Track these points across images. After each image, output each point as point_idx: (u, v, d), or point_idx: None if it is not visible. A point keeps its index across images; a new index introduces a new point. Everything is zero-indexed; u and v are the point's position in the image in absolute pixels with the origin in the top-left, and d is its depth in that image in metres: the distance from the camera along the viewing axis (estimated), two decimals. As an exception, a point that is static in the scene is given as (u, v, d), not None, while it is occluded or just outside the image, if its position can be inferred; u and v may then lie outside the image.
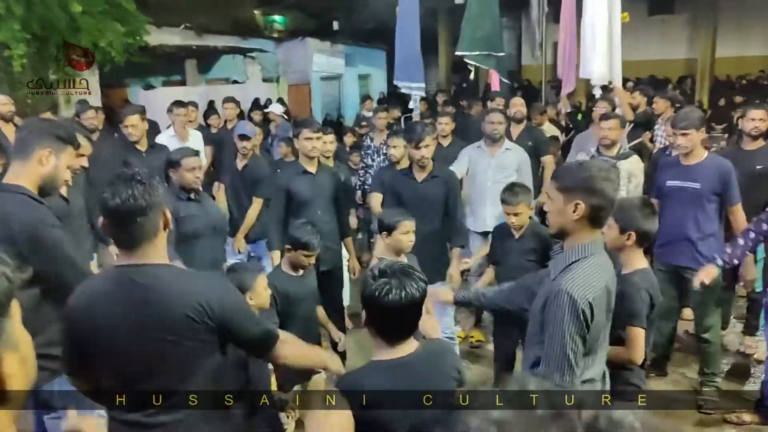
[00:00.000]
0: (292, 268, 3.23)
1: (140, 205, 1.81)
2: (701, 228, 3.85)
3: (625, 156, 4.57)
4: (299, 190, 4.13)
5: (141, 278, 1.84)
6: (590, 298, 1.96)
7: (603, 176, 2.04)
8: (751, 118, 4.33)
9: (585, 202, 2.01)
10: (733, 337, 4.88)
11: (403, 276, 1.81)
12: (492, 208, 4.74)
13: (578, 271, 2.02)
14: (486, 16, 9.05)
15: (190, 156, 3.79)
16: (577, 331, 1.95)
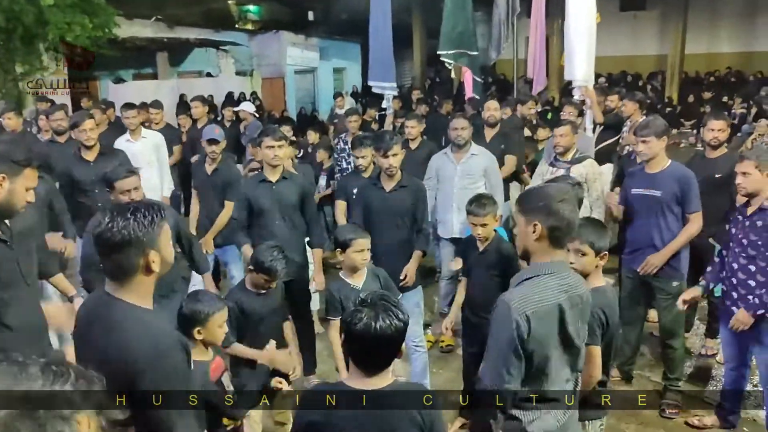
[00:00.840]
0: (254, 286, 3.20)
1: (115, 240, 1.78)
2: (665, 236, 3.92)
3: (579, 160, 4.69)
4: (258, 200, 4.08)
5: (105, 311, 1.83)
6: (528, 311, 2.02)
7: (560, 198, 2.11)
8: (710, 129, 4.43)
9: (542, 224, 2.09)
10: (696, 339, 4.99)
11: (381, 310, 1.84)
12: (459, 215, 4.78)
13: (526, 286, 2.10)
14: (459, 14, 9.12)
15: (123, 178, 3.55)
16: (508, 341, 2.02)
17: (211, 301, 2.61)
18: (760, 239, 3.38)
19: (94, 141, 4.93)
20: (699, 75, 19.57)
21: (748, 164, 3.36)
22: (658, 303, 4.14)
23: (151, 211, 1.84)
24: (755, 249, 3.40)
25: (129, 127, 6.06)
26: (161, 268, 1.87)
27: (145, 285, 1.86)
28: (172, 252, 1.92)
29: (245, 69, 18.95)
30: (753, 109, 14.32)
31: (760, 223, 3.38)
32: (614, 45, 20.02)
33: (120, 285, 1.84)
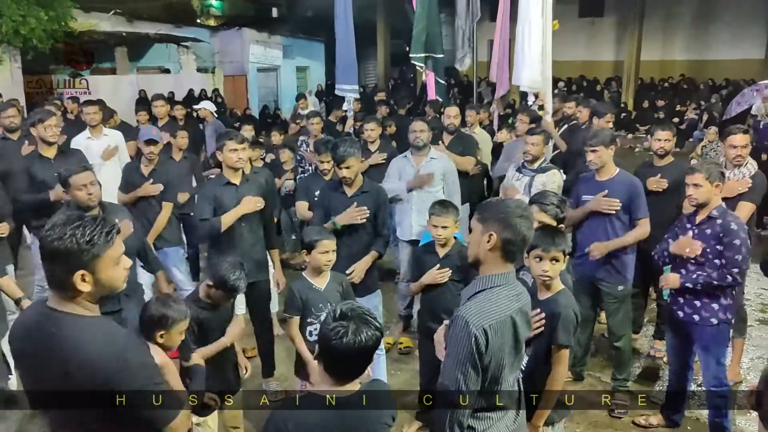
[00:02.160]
0: (209, 298, 3.17)
1: (47, 248, 1.75)
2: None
3: (544, 170, 4.79)
4: (223, 203, 4.07)
5: (48, 322, 1.79)
6: (485, 326, 2.07)
7: (519, 213, 2.17)
8: (657, 138, 4.60)
9: (498, 235, 2.14)
10: (645, 341, 5.17)
11: (361, 322, 1.89)
12: (418, 217, 4.85)
13: (480, 300, 2.14)
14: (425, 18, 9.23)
15: (78, 173, 3.51)
16: (467, 356, 2.07)
17: (179, 308, 2.59)
18: (708, 247, 3.52)
19: (56, 138, 4.87)
20: (654, 81, 20.14)
21: (699, 176, 3.50)
22: (606, 306, 4.29)
23: (95, 230, 1.77)
24: (703, 256, 3.54)
25: (90, 123, 5.94)
26: (96, 291, 1.80)
27: (78, 301, 1.80)
28: (115, 277, 1.84)
29: (207, 66, 18.73)
30: (704, 116, 14.83)
31: (708, 231, 3.53)
32: (573, 50, 20.49)
33: (59, 296, 1.80)
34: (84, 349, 1.74)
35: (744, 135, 4.39)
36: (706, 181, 3.49)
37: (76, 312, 1.80)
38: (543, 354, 2.78)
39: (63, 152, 4.97)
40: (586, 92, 18.51)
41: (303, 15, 20.78)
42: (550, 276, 2.81)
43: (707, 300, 3.55)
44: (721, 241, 3.46)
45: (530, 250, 2.82)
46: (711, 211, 3.53)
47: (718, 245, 3.48)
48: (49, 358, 1.76)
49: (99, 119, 6.02)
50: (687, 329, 3.69)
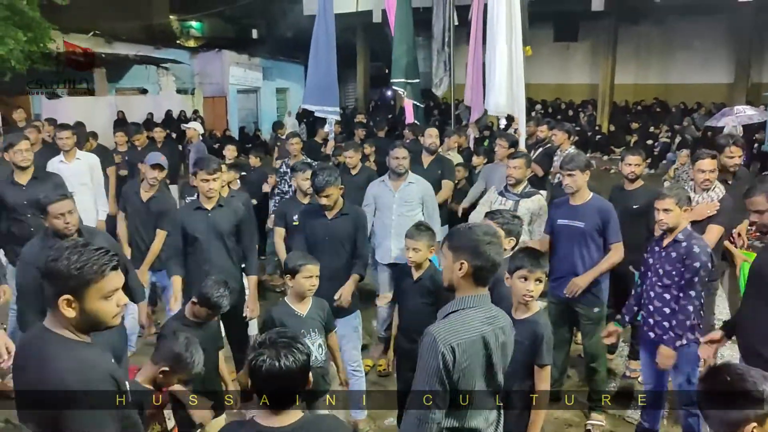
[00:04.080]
0: (194, 317, 3.22)
1: (43, 267, 1.84)
2: (587, 264, 4.15)
3: (528, 195, 4.82)
4: (192, 228, 4.10)
5: (40, 343, 1.85)
6: (453, 343, 2.13)
7: (488, 240, 2.25)
8: (628, 163, 4.74)
9: (469, 263, 2.22)
10: (620, 361, 5.26)
11: (283, 348, 1.86)
12: (397, 241, 4.89)
13: (451, 319, 2.22)
14: (402, 43, 9.41)
15: (56, 201, 3.50)
16: (434, 372, 2.13)
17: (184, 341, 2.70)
18: (674, 269, 3.63)
19: (29, 162, 4.80)
20: (628, 104, 20.57)
21: (669, 202, 3.60)
22: (581, 328, 4.37)
23: (90, 260, 1.80)
24: (669, 278, 3.65)
25: (63, 148, 5.91)
26: (80, 321, 1.82)
27: (65, 324, 1.84)
28: (104, 311, 1.86)
29: (186, 87, 18.74)
30: (677, 138, 15.17)
31: (674, 254, 3.64)
32: (548, 74, 20.88)
33: (50, 315, 1.86)
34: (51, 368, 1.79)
35: (712, 160, 4.52)
36: (675, 205, 3.59)
37: (64, 335, 1.85)
38: (521, 373, 2.84)
39: (36, 178, 4.88)
40: (562, 115, 18.85)
41: (283, 37, 20.96)
42: (533, 296, 2.88)
43: (675, 320, 3.63)
44: (684, 263, 3.57)
45: (515, 270, 2.89)
46: (677, 234, 3.64)
47: (683, 267, 3.58)
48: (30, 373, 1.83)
49: (72, 144, 5.97)
50: (659, 349, 3.77)
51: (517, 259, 2.96)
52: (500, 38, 6.71)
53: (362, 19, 18.14)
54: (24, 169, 4.80)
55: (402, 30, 9.51)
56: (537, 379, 2.87)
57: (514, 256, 3.01)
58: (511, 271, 2.94)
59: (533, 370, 2.89)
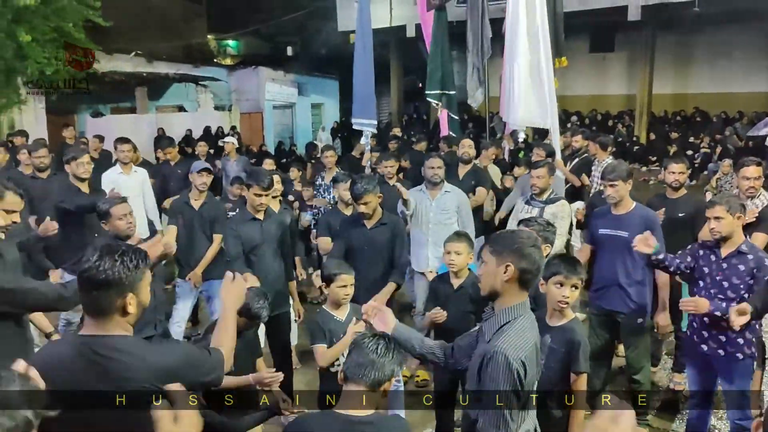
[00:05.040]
0: None
1: (98, 279, 1.89)
2: (631, 274, 4.09)
3: (552, 201, 4.92)
4: (248, 237, 4.21)
5: (101, 349, 1.90)
6: (522, 358, 2.12)
7: (531, 243, 2.25)
8: (671, 171, 4.67)
9: (515, 265, 2.20)
10: (664, 374, 5.14)
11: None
12: (434, 249, 4.92)
13: (510, 333, 2.19)
14: (437, 55, 9.48)
15: (118, 204, 3.75)
16: (512, 390, 2.11)
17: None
18: (741, 282, 3.50)
19: (89, 174, 5.05)
20: (666, 114, 20.23)
21: (720, 209, 3.51)
22: (624, 339, 4.29)
23: (137, 257, 1.96)
24: (735, 291, 3.52)
25: (122, 160, 6.15)
26: (137, 313, 1.98)
27: (122, 324, 1.96)
28: (148, 296, 2.03)
29: (224, 104, 19.12)
30: (718, 148, 14.85)
31: (742, 267, 3.51)
32: (584, 85, 20.69)
33: (97, 323, 1.93)
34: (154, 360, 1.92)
35: (757, 167, 4.43)
36: (727, 213, 3.50)
37: (126, 333, 1.96)
38: (557, 381, 2.82)
39: (96, 190, 5.18)
40: (599, 126, 18.63)
41: (317, 53, 21.26)
42: (569, 303, 2.86)
43: (733, 334, 3.51)
44: (754, 275, 3.46)
45: (550, 277, 2.88)
46: (740, 246, 3.54)
47: (751, 279, 3.48)
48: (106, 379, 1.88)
49: (131, 156, 6.28)
50: (711, 363, 3.67)
51: (553, 265, 2.94)
52: (521, 50, 6.67)
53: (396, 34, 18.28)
54: (84, 180, 5.04)
55: (437, 43, 9.59)
56: (574, 387, 2.84)
57: (550, 263, 2.98)
58: (547, 278, 2.92)
59: (569, 377, 2.86)
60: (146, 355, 1.94)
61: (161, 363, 1.94)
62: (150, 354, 1.96)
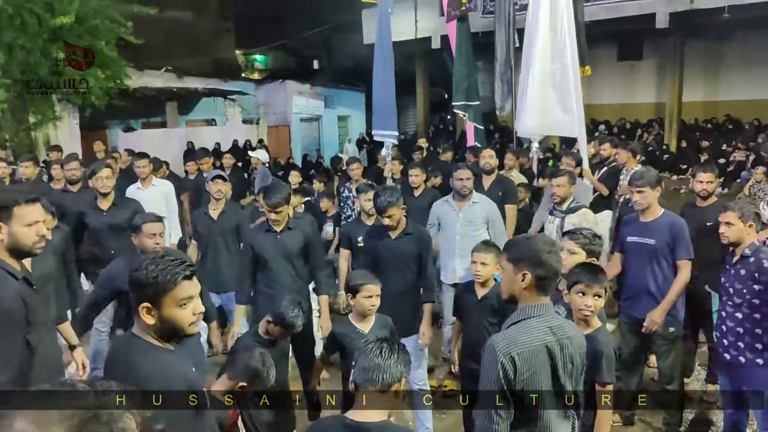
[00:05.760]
0: (267, 334, 3.31)
1: (130, 278, 1.96)
2: (660, 282, 4.03)
3: (573, 210, 4.87)
4: (261, 249, 4.21)
5: (125, 348, 1.98)
6: (513, 353, 2.12)
7: (547, 249, 2.25)
8: (699, 180, 4.60)
9: (531, 273, 2.21)
10: (697, 384, 5.03)
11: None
12: (461, 261, 4.88)
13: (512, 329, 2.22)
14: (462, 66, 9.50)
15: (151, 221, 3.77)
16: (495, 382, 2.12)
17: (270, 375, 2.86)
18: (744, 287, 3.48)
19: (109, 189, 5.05)
20: (697, 122, 19.90)
21: (731, 215, 3.50)
22: (656, 349, 4.22)
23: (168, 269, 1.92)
24: (740, 297, 3.50)
25: (140, 175, 6.27)
26: (160, 327, 1.94)
27: (148, 332, 1.96)
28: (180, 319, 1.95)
29: (252, 117, 19.39)
30: (751, 156, 14.55)
31: (743, 272, 3.49)
32: (612, 94, 20.46)
33: (138, 324, 1.98)
34: (140, 370, 1.90)
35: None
36: (738, 219, 3.48)
37: (149, 340, 1.97)
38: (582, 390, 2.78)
39: (116, 204, 5.11)
40: (627, 135, 18.40)
41: (343, 66, 21.46)
42: (592, 311, 2.84)
43: (750, 339, 3.47)
44: (757, 280, 3.42)
45: (573, 285, 2.86)
46: (744, 249, 3.50)
47: (755, 284, 3.43)
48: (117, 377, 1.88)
49: (148, 171, 6.34)
50: (736, 371, 3.60)
51: (575, 274, 2.93)
52: (537, 58, 6.62)
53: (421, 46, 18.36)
54: (105, 195, 5.05)
55: (461, 53, 9.63)
56: (597, 397, 2.79)
57: (572, 272, 2.97)
58: (569, 286, 2.92)
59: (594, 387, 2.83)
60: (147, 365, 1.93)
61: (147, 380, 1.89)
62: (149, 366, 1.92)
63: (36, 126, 12.76)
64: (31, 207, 2.57)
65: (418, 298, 4.27)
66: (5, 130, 12.13)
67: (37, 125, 12.77)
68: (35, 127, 12.79)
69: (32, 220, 2.56)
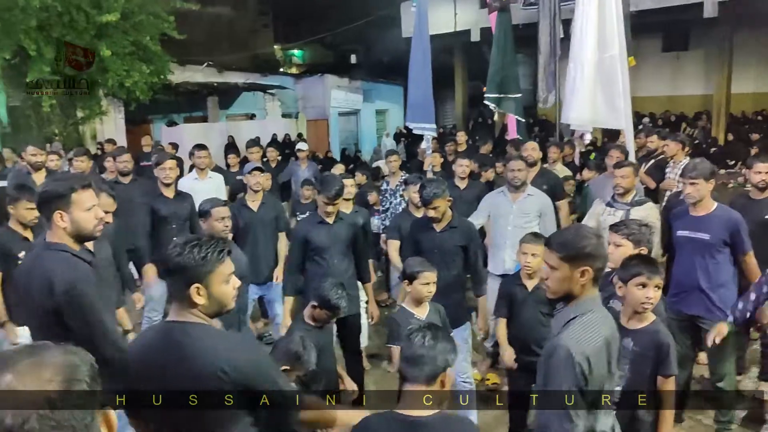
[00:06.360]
0: (313, 320, 3.35)
1: (168, 264, 2.00)
2: (712, 278, 3.92)
3: (639, 203, 4.65)
4: (316, 240, 4.28)
5: (178, 335, 1.98)
6: (587, 352, 2.07)
7: (596, 240, 2.22)
8: (757, 171, 4.44)
9: (592, 267, 2.17)
10: (749, 382, 4.89)
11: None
12: (511, 252, 4.83)
13: (576, 327, 2.15)
14: (501, 57, 9.38)
15: (220, 206, 3.92)
16: (573, 384, 2.06)
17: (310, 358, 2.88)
18: None
19: (172, 179, 5.24)
20: (745, 115, 19.30)
21: None
22: (706, 345, 4.11)
23: (212, 249, 2.00)
24: None
25: (199, 166, 6.36)
26: (209, 305, 2.00)
27: (195, 314, 2.00)
28: (225, 294, 2.03)
29: (291, 111, 19.54)
30: (804, 148, 14.05)
31: None
32: (657, 86, 19.98)
33: (175, 309, 2.02)
34: (225, 353, 1.94)
35: None
36: None
37: (201, 321, 2.01)
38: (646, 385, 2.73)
39: (179, 194, 5.33)
40: (672, 128, 17.96)
41: (381, 60, 21.45)
42: (653, 304, 2.77)
43: None
44: None
45: (631, 278, 2.79)
46: None
47: None
48: (184, 365, 1.92)
49: (208, 162, 6.45)
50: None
51: (632, 266, 2.83)
52: (589, 49, 6.49)
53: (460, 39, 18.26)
54: (168, 185, 5.23)
55: (499, 45, 9.50)
56: (663, 389, 2.75)
57: (627, 264, 2.88)
58: (626, 279, 2.82)
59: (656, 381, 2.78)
60: (217, 344, 1.96)
61: (230, 356, 1.94)
62: (221, 344, 1.97)
63: (83, 120, 13.11)
64: (87, 192, 2.64)
65: (462, 290, 4.27)
66: (55, 125, 12.48)
67: (84, 120, 13.11)
68: (83, 122, 13.13)
69: (90, 205, 2.63)
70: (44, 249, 2.62)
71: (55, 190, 2.59)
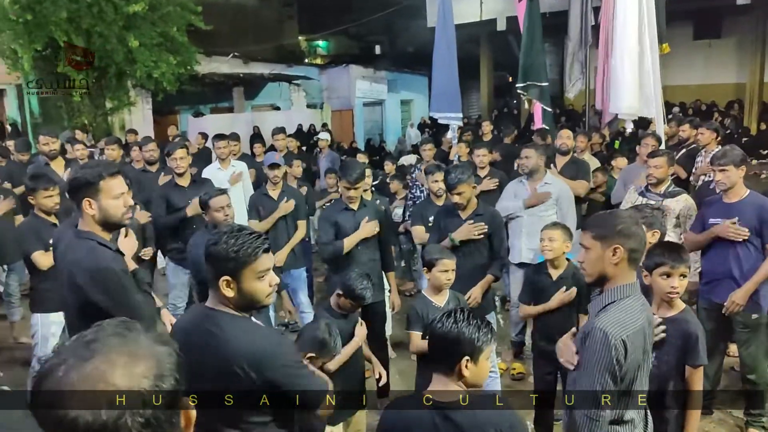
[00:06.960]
0: (339, 308, 3.37)
1: (208, 251, 2.00)
2: (744, 267, 3.84)
3: (672, 194, 4.57)
4: (341, 227, 4.30)
5: (209, 323, 2.00)
6: (624, 337, 2.05)
7: (634, 221, 2.20)
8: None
9: (623, 246, 2.14)
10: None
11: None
12: (528, 240, 4.82)
13: (614, 311, 2.12)
14: (530, 46, 9.27)
15: (216, 196, 3.92)
16: (607, 368, 2.04)
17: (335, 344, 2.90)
18: None
19: (183, 169, 5.25)
20: (779, 104, 18.83)
21: None
22: (737, 336, 4.04)
23: (247, 243, 1.96)
24: None
25: (220, 156, 6.41)
26: (239, 299, 1.98)
27: (225, 304, 2.00)
28: (259, 290, 2.00)
29: (315, 102, 19.58)
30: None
31: None
32: (687, 74, 19.55)
33: (213, 296, 2.02)
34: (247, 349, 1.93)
35: None
36: None
37: (231, 312, 2.01)
38: (675, 375, 2.69)
39: (195, 182, 5.36)
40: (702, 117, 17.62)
41: (406, 50, 21.35)
42: (679, 293, 2.73)
43: None
44: None
45: (656, 267, 2.75)
46: None
47: None
48: (209, 353, 1.94)
49: (228, 152, 6.49)
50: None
51: (656, 255, 2.77)
52: (631, 38, 6.40)
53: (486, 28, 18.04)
54: (181, 175, 5.26)
55: (530, 33, 9.38)
56: (691, 380, 2.70)
57: (652, 252, 2.82)
58: (651, 268, 2.77)
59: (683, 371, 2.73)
60: (241, 339, 1.95)
61: (250, 346, 1.93)
62: (246, 339, 1.95)
63: (112, 111, 13.28)
64: (115, 179, 2.66)
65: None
66: (84, 115, 12.68)
67: (113, 110, 13.28)
68: (112, 112, 13.31)
69: (118, 192, 2.66)
70: (75, 237, 2.66)
71: (84, 178, 2.62)
